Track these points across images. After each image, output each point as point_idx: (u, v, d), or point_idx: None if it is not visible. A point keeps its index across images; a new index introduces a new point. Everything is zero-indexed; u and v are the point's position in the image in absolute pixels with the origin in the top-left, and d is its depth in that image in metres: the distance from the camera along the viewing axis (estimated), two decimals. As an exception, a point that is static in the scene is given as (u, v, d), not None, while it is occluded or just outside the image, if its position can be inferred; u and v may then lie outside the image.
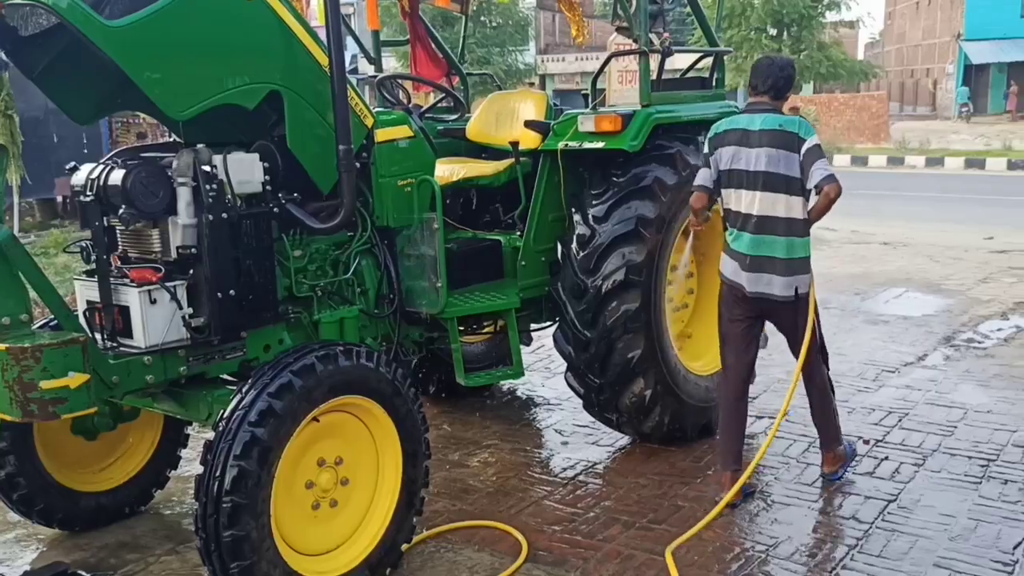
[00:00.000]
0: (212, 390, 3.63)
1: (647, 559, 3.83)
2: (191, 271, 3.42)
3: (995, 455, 4.78)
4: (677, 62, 5.73)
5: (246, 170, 3.51)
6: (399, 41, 6.78)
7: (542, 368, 6.55)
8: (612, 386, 4.65)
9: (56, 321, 3.44)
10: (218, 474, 3.09)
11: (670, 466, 4.77)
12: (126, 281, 3.37)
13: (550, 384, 6.18)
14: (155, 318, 3.35)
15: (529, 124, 4.86)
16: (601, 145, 4.56)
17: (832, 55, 32.37)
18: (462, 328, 4.53)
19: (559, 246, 4.68)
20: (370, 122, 4.02)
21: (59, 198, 14.03)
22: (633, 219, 4.50)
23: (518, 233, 4.75)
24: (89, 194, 3.40)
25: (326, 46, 3.64)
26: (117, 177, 3.33)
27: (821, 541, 3.97)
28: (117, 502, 4.28)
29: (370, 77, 5.55)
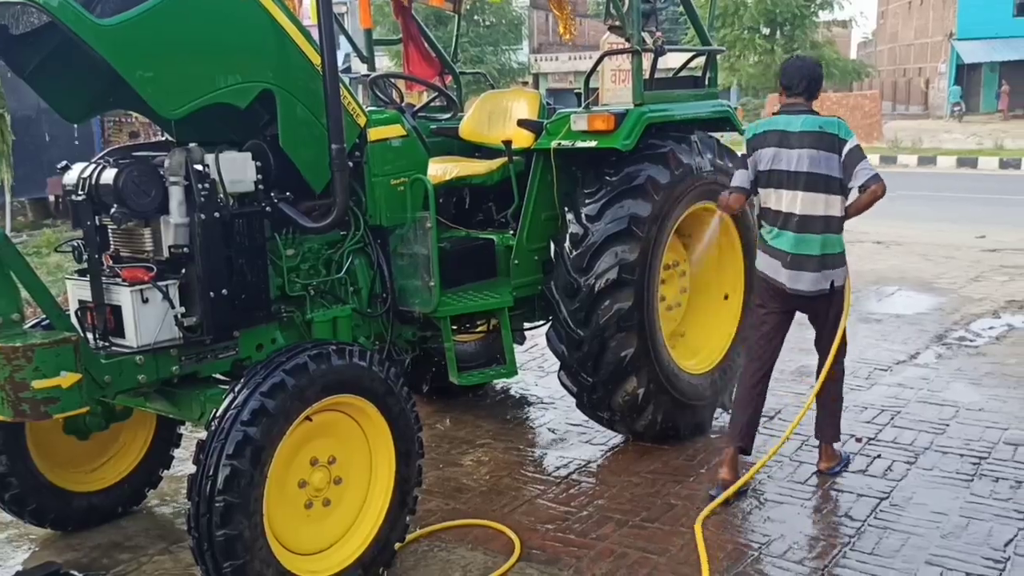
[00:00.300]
0: (205, 389, 3.63)
1: (640, 557, 3.84)
2: (183, 270, 3.42)
3: (986, 453, 4.80)
4: (670, 61, 5.74)
5: (238, 169, 3.51)
6: (392, 40, 6.78)
7: (535, 367, 6.55)
8: (605, 385, 4.65)
9: (48, 321, 3.43)
10: (211, 473, 3.08)
11: (663, 464, 4.78)
12: (118, 280, 3.36)
13: (543, 383, 6.19)
14: (147, 317, 3.34)
15: (522, 123, 4.85)
16: (594, 144, 4.56)
17: (825, 54, 32.43)
18: (455, 327, 4.52)
19: (552, 245, 4.69)
20: (363, 121, 4.02)
21: (51, 197, 14.01)
22: (626, 218, 4.50)
23: (511, 232, 4.75)
24: (81, 193, 3.40)
25: (318, 45, 3.64)
26: (109, 176, 3.32)
27: (814, 539, 3.98)
28: (110, 502, 4.27)
29: (363, 76, 5.54)
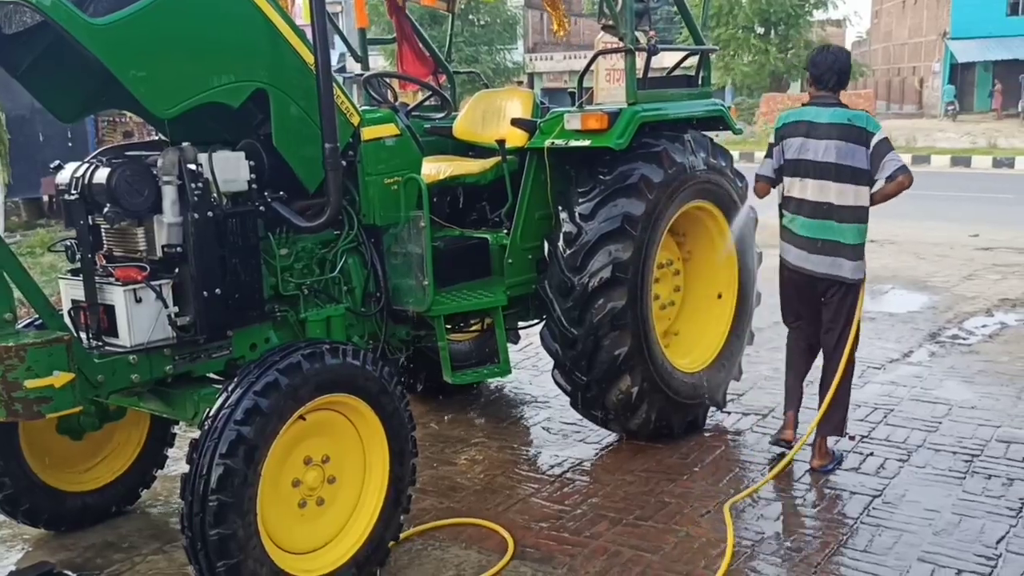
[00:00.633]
0: (198, 389, 3.62)
1: (633, 555, 3.85)
2: (176, 270, 3.41)
3: (979, 450, 4.82)
4: (665, 60, 5.74)
5: (232, 168, 3.50)
6: (386, 40, 6.77)
7: (529, 366, 6.55)
8: (599, 383, 4.65)
9: (41, 320, 3.42)
10: (204, 473, 3.08)
11: (657, 463, 4.79)
12: (111, 280, 3.35)
13: (537, 382, 6.19)
14: (140, 317, 3.34)
15: (516, 122, 4.85)
16: (587, 143, 4.57)
17: (819, 54, 32.39)
18: (449, 326, 4.53)
19: (546, 244, 4.69)
20: (356, 120, 4.01)
21: (45, 197, 13.97)
22: (619, 217, 4.50)
23: (505, 231, 4.74)
24: (74, 193, 3.39)
25: (312, 44, 3.64)
26: (102, 176, 3.32)
27: (807, 536, 3.99)
28: (103, 502, 4.26)
29: (357, 75, 5.54)
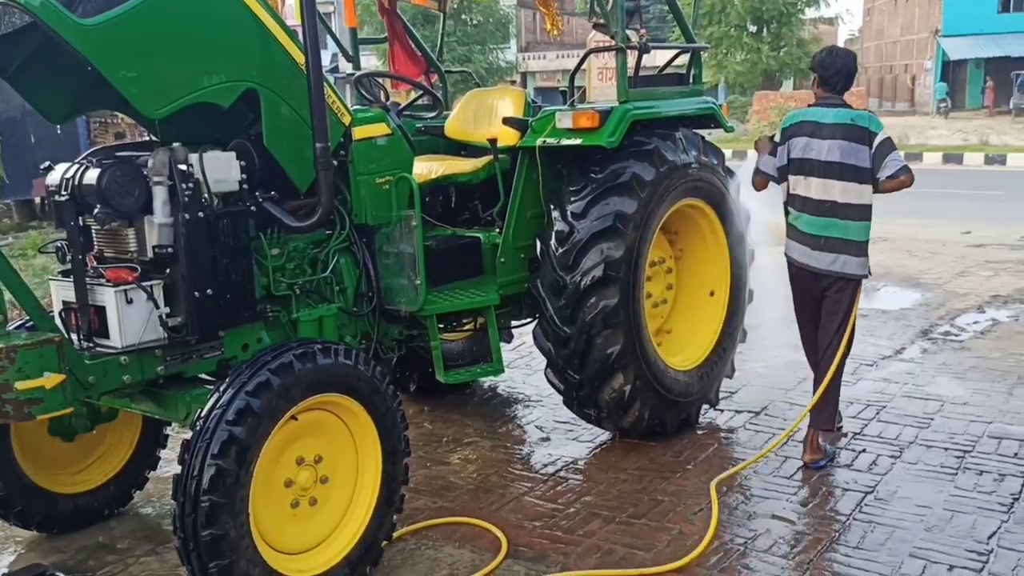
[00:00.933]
0: (190, 390, 3.61)
1: (627, 554, 3.85)
2: (168, 270, 3.41)
3: (971, 446, 4.83)
4: (658, 59, 5.75)
5: (222, 169, 3.49)
6: (377, 39, 6.76)
7: (523, 365, 6.55)
8: (592, 382, 4.66)
9: (32, 322, 3.41)
10: (196, 473, 3.07)
11: (650, 461, 4.80)
12: (102, 281, 3.35)
13: (531, 381, 6.19)
14: (131, 318, 3.33)
15: (507, 121, 4.85)
16: (579, 142, 4.57)
17: (811, 52, 32.41)
18: (442, 325, 4.52)
19: (538, 243, 4.69)
20: (347, 120, 4.01)
21: (37, 199, 13.92)
22: (611, 215, 4.50)
23: (497, 230, 4.74)
24: (64, 194, 3.38)
25: (302, 44, 3.63)
26: (92, 176, 3.31)
27: (799, 533, 4.00)
28: (96, 503, 4.25)
29: (348, 75, 5.53)
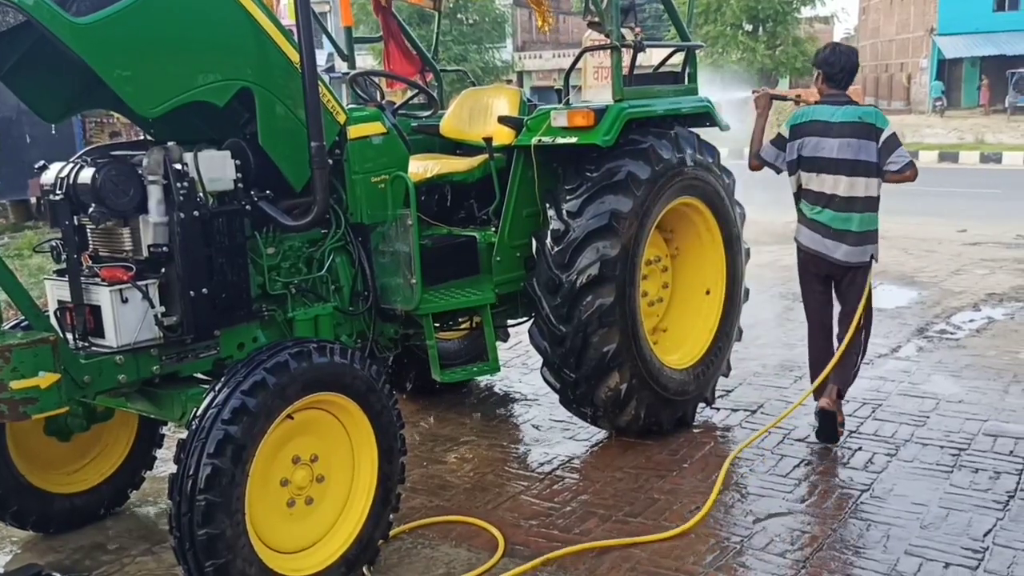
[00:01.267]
0: (186, 389, 3.60)
1: (623, 552, 3.85)
2: (163, 270, 3.40)
3: (966, 444, 4.84)
4: (655, 58, 5.75)
5: (217, 167, 3.49)
6: (372, 38, 6.76)
7: (519, 364, 6.55)
8: (588, 380, 4.66)
9: (27, 321, 3.41)
10: (192, 473, 3.07)
11: (646, 459, 4.80)
12: (97, 280, 3.34)
13: (527, 380, 6.19)
14: (127, 317, 3.32)
15: (503, 120, 4.85)
16: (574, 140, 4.56)
17: (807, 51, 32.51)
18: (438, 324, 4.53)
19: (534, 241, 4.69)
20: (342, 118, 4.01)
21: (33, 199, 13.88)
22: (607, 213, 4.51)
23: (493, 229, 4.74)
24: (59, 193, 3.38)
25: (297, 42, 3.63)
26: (87, 175, 3.30)
27: (795, 531, 4.00)
28: (92, 503, 4.25)
29: (344, 74, 5.53)
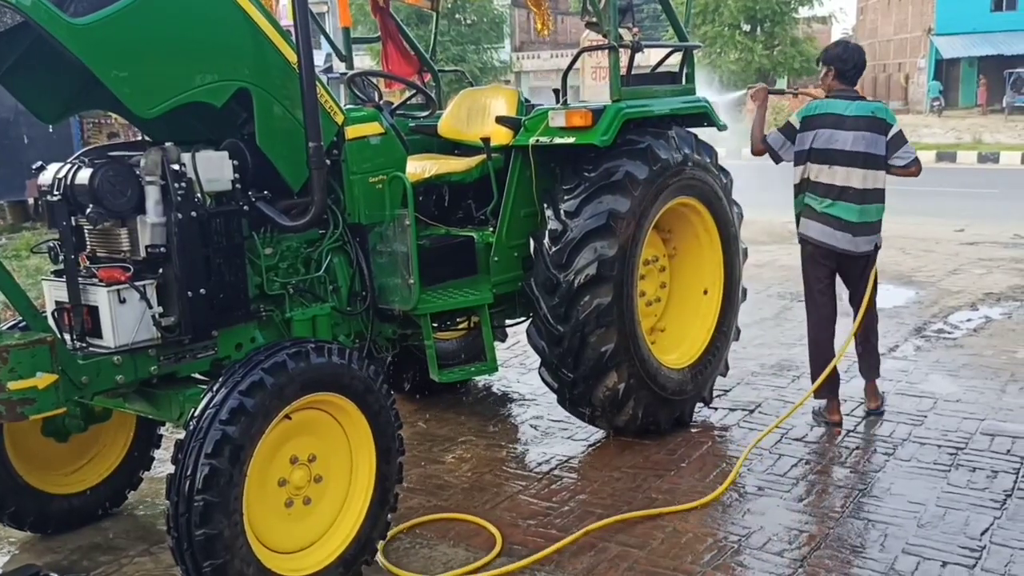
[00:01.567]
0: (184, 389, 3.60)
1: (620, 551, 3.86)
2: (160, 270, 3.40)
3: (964, 443, 4.85)
4: (652, 58, 5.75)
5: (215, 168, 3.49)
6: (370, 39, 6.76)
7: (517, 364, 6.56)
8: (585, 380, 4.66)
9: (24, 322, 3.41)
10: (189, 473, 3.07)
11: (644, 459, 4.80)
12: (95, 281, 3.34)
13: (525, 379, 6.20)
14: (124, 318, 3.32)
15: (500, 120, 4.85)
16: (572, 140, 4.57)
17: (805, 51, 32.62)
18: (435, 324, 4.52)
19: (531, 241, 4.69)
20: (340, 119, 4.01)
21: (31, 200, 13.89)
22: (605, 213, 4.51)
23: (491, 229, 4.74)
24: (56, 193, 3.38)
25: (295, 43, 3.63)
26: (84, 176, 3.30)
27: (793, 531, 4.00)
28: (90, 504, 4.24)
29: (342, 74, 5.53)
